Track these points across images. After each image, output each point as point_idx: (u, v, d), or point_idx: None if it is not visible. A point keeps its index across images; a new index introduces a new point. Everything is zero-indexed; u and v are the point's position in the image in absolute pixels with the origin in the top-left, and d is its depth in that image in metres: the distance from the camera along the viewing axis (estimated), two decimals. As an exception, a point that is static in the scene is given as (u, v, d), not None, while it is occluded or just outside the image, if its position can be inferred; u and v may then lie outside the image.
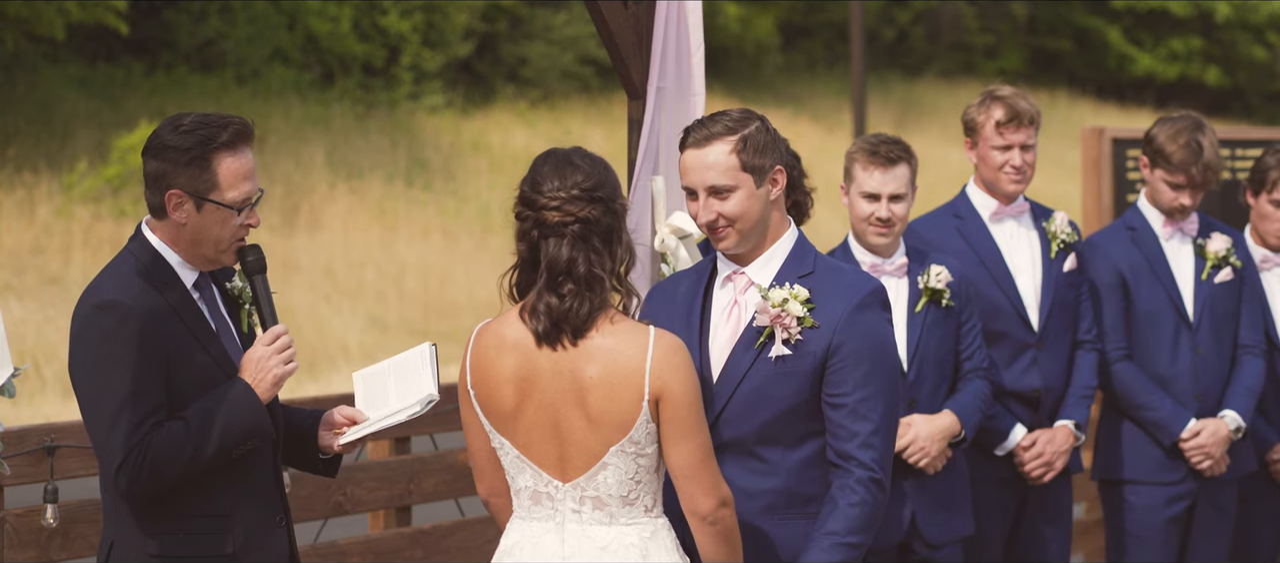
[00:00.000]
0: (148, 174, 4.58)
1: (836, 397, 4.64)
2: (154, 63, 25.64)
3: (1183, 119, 6.84)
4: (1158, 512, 6.89)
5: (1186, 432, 6.84)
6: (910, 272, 6.32)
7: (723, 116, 4.73)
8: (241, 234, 4.63)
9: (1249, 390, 6.93)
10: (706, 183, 4.69)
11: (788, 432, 4.67)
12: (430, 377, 4.74)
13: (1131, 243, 6.92)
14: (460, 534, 7.31)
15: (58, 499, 5.91)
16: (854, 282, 4.70)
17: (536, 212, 4.36)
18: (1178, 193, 6.84)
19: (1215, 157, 6.77)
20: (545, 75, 29.66)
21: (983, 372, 6.37)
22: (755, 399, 4.67)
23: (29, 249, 19.59)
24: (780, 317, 4.64)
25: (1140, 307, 6.88)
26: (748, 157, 4.68)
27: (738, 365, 4.69)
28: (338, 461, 4.90)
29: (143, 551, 4.55)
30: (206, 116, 4.58)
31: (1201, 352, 6.89)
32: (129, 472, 4.43)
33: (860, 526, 4.60)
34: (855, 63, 27.44)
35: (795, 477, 4.68)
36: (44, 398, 15.07)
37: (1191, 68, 39.12)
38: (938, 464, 6.23)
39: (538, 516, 4.47)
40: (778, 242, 4.76)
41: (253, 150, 4.63)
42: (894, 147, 6.26)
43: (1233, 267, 6.95)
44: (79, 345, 4.52)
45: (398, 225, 23.37)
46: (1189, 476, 6.90)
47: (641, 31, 6.41)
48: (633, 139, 6.42)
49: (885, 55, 37.93)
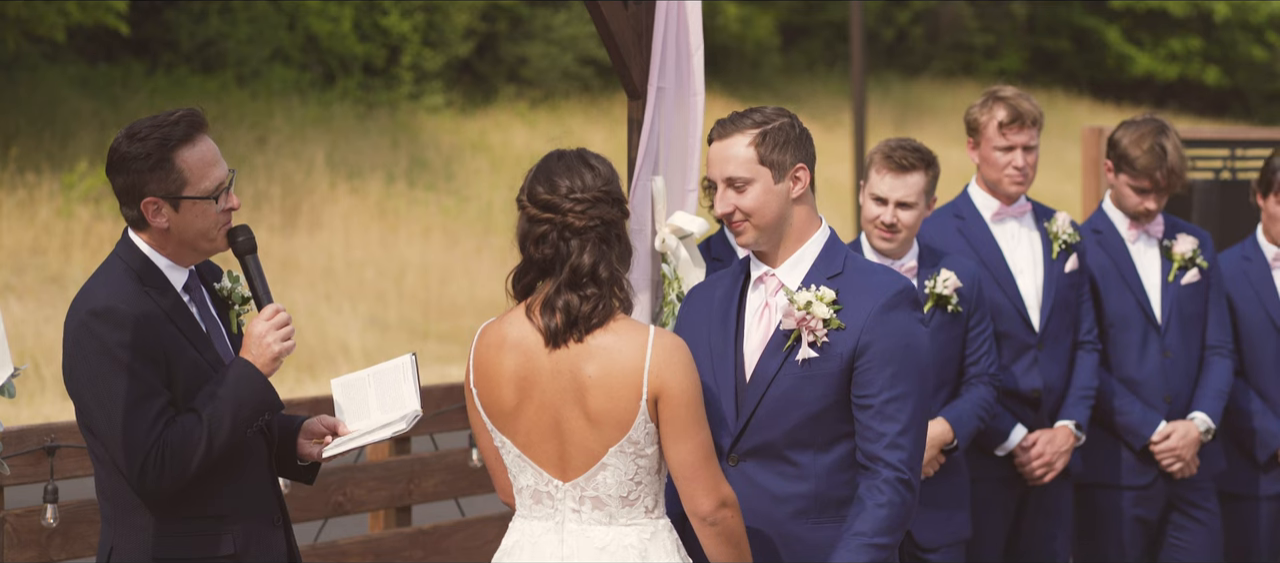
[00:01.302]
0: (118, 190, 4.58)
1: (864, 398, 4.61)
2: (154, 63, 25.65)
3: (1146, 123, 6.83)
4: (1126, 513, 6.89)
5: (1156, 434, 6.84)
6: (920, 275, 6.31)
7: (753, 112, 4.73)
8: (225, 219, 4.62)
9: (1218, 392, 6.93)
10: (725, 174, 4.70)
11: (817, 435, 4.64)
12: (412, 391, 4.72)
13: (1098, 246, 6.92)
14: (460, 534, 7.31)
15: (58, 499, 5.92)
16: (883, 281, 4.67)
17: (562, 215, 4.35)
18: (1143, 197, 6.84)
19: (1179, 160, 6.76)
20: (545, 75, 29.66)
21: (988, 377, 6.36)
22: (784, 403, 4.64)
23: (29, 249, 19.60)
24: (805, 319, 4.62)
25: (1109, 310, 6.87)
26: (766, 150, 4.67)
27: (767, 369, 4.67)
28: (315, 469, 4.90)
29: (142, 554, 4.55)
30: (156, 118, 4.57)
31: (1170, 354, 6.89)
32: (153, 471, 4.43)
33: (888, 526, 4.57)
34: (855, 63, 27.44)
35: (826, 481, 4.65)
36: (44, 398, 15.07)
37: (1191, 68, 39.13)
38: (927, 471, 6.22)
39: (538, 515, 4.47)
40: (807, 242, 4.74)
41: (210, 135, 4.61)
42: (911, 154, 6.23)
43: (1199, 267, 6.95)
44: (77, 353, 4.51)
45: (398, 225, 23.38)
46: (1159, 478, 6.90)
47: (641, 31, 6.42)
48: (633, 139, 6.42)
49: (885, 55, 37.93)
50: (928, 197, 6.27)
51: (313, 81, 27.05)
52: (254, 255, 4.73)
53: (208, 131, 4.62)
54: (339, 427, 4.80)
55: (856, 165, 25.98)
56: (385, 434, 4.73)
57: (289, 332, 4.63)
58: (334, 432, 4.80)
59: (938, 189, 6.34)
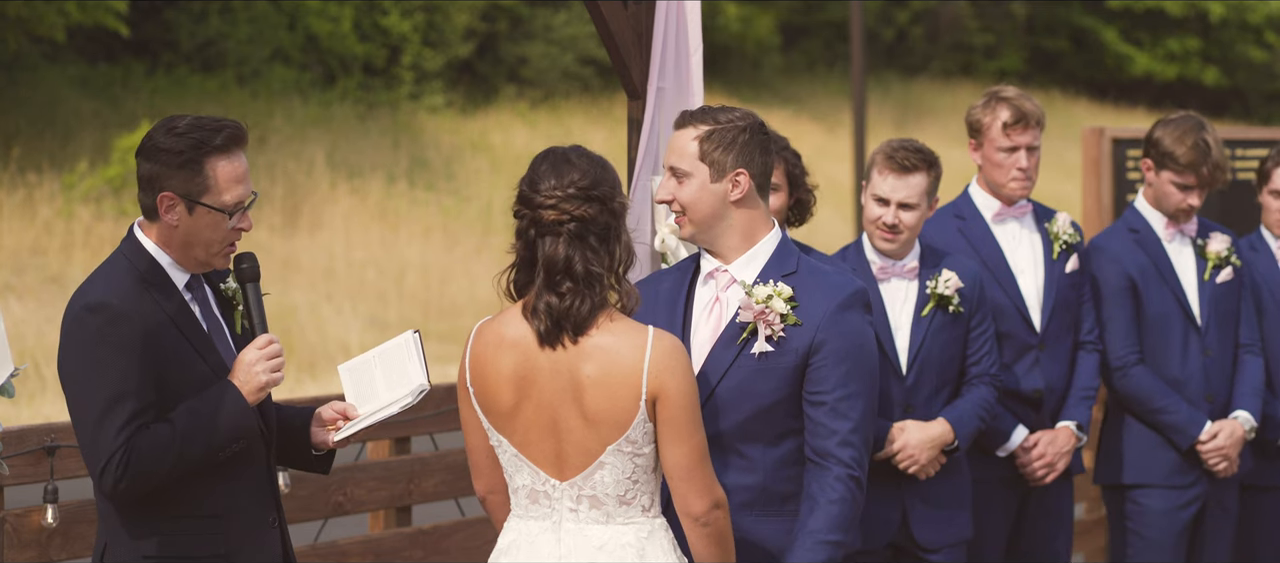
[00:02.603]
0: (141, 176, 4.59)
1: (817, 394, 4.67)
2: (155, 63, 25.65)
3: (1186, 119, 6.85)
4: (1172, 515, 6.88)
5: (1204, 434, 6.84)
6: (921, 275, 6.31)
7: (716, 110, 4.81)
8: (233, 238, 4.62)
9: (1255, 390, 6.95)
10: (669, 162, 4.80)
11: (767, 429, 4.71)
12: (419, 366, 4.73)
13: (1136, 245, 6.91)
14: (460, 534, 7.31)
15: (57, 499, 5.92)
16: (837, 282, 4.74)
17: (533, 210, 4.37)
18: (1187, 194, 6.84)
19: (1222, 155, 6.80)
20: (546, 75, 29.67)
21: (989, 378, 6.35)
22: (737, 395, 4.70)
23: (30, 249, 19.61)
24: (764, 313, 4.68)
25: (1150, 310, 6.87)
26: (708, 148, 4.74)
27: (719, 362, 4.73)
28: (330, 457, 4.90)
29: (137, 551, 4.55)
30: (201, 119, 4.58)
31: (1210, 353, 6.90)
32: (114, 473, 4.43)
33: (841, 523, 4.63)
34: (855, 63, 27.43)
35: (772, 474, 4.72)
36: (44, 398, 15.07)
37: (1189, 68, 39.12)
38: (929, 471, 6.22)
39: (535, 514, 4.47)
40: (760, 242, 4.80)
41: (246, 154, 4.63)
42: (914, 155, 6.23)
43: (1233, 266, 6.97)
44: (68, 346, 4.51)
45: (399, 225, 23.38)
46: (1200, 479, 6.90)
47: (641, 31, 6.42)
48: (633, 139, 6.42)
49: (885, 55, 37.93)
50: (930, 197, 6.26)
51: (313, 81, 27.06)
52: (256, 284, 4.74)
53: (245, 149, 4.63)
54: (349, 411, 4.80)
55: (856, 165, 25.98)
56: (394, 410, 4.73)
57: (279, 363, 4.63)
58: (345, 416, 4.80)
59: (938, 189, 6.34)
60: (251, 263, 4.73)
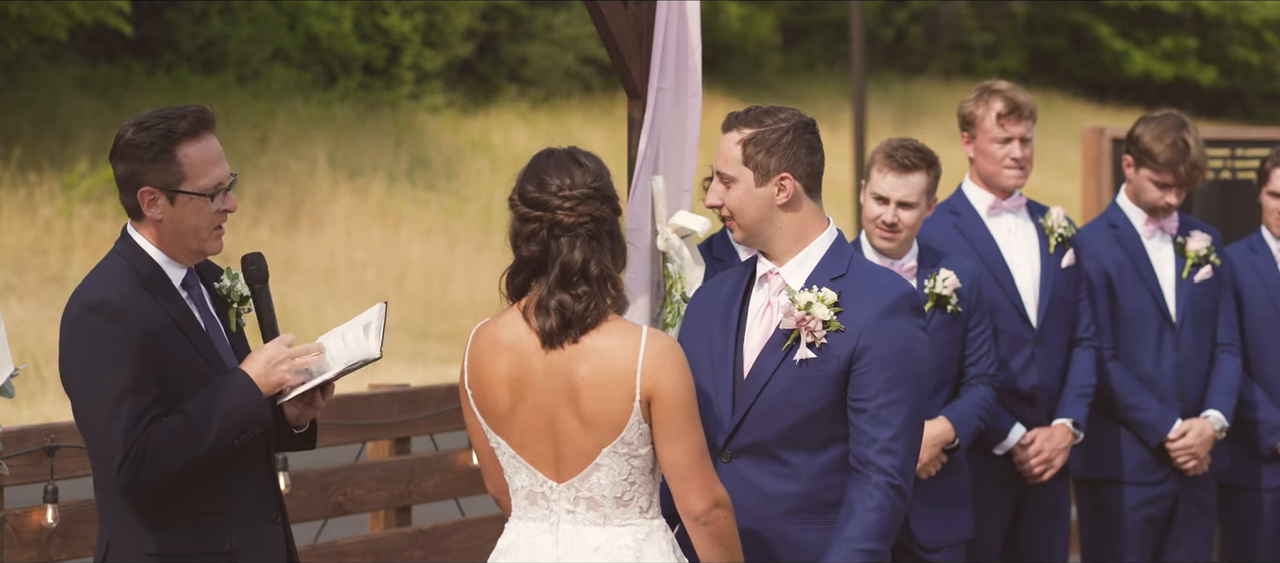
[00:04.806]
0: (118, 178, 4.59)
1: (860, 401, 4.60)
2: (155, 63, 25.66)
3: (1167, 118, 6.88)
4: (1137, 511, 6.90)
5: (1174, 432, 6.85)
6: (920, 276, 6.31)
7: (762, 111, 4.74)
8: (219, 221, 4.62)
9: (1230, 389, 6.96)
10: (717, 168, 4.75)
11: (812, 436, 4.64)
12: (376, 337, 4.66)
13: (1115, 241, 6.94)
14: (460, 534, 7.32)
15: (58, 499, 5.92)
16: (886, 285, 4.67)
17: (550, 213, 4.35)
18: (1164, 192, 6.86)
19: (1201, 155, 6.81)
20: (546, 75, 29.66)
21: (988, 377, 6.36)
22: (780, 402, 4.64)
23: (30, 249, 19.61)
24: (805, 319, 4.62)
25: (1125, 306, 6.89)
26: (751, 152, 4.68)
27: (764, 367, 4.67)
28: (313, 432, 4.87)
29: (139, 550, 4.55)
30: (164, 110, 4.58)
31: (1184, 351, 6.91)
32: (130, 468, 4.43)
33: (878, 532, 4.56)
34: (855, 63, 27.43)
35: (818, 482, 4.65)
36: (44, 398, 15.07)
37: (1187, 68, 39.11)
38: (929, 470, 6.23)
39: (533, 516, 4.47)
40: (813, 243, 4.73)
41: (216, 135, 4.62)
42: (913, 154, 6.23)
43: (1212, 265, 6.98)
44: (70, 346, 4.51)
45: (399, 225, 23.39)
46: (1170, 476, 6.91)
47: (641, 32, 6.42)
48: (633, 139, 6.42)
49: (885, 55, 37.93)
50: (929, 197, 6.27)
51: (314, 81, 27.06)
52: (265, 286, 4.73)
53: (214, 131, 4.62)
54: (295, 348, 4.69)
55: (856, 165, 25.97)
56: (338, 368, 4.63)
57: (302, 365, 4.60)
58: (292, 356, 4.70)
59: (938, 188, 6.34)
60: (259, 264, 4.74)
